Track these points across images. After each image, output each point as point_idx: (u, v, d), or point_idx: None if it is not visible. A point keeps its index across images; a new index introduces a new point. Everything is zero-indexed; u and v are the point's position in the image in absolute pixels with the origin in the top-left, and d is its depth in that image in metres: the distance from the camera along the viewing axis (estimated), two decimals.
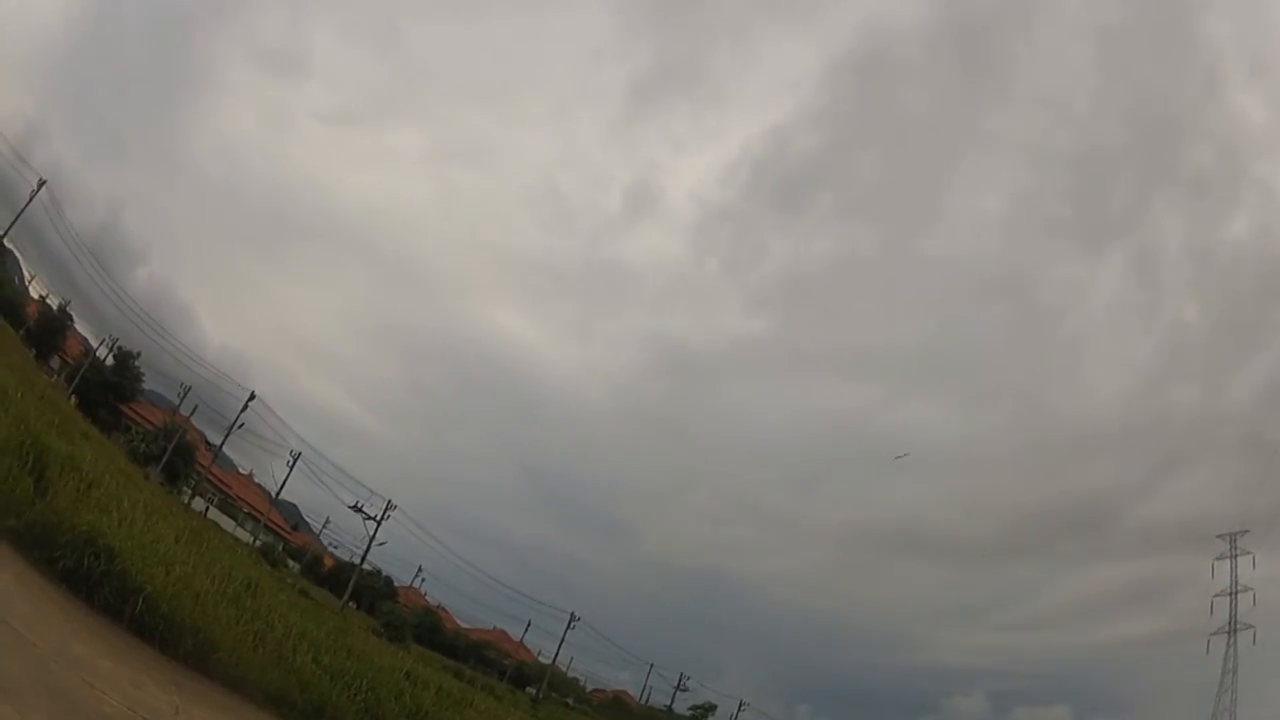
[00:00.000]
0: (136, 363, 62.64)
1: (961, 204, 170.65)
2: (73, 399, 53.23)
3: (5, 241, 63.01)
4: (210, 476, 66.38)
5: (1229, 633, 76.66)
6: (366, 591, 67.56)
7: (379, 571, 72.31)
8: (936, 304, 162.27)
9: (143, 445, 55.42)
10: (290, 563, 67.94)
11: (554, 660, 74.40)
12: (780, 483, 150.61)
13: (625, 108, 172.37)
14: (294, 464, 64.42)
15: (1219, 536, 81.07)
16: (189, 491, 58.70)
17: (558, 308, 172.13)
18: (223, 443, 65.49)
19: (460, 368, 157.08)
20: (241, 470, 79.70)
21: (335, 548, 78.09)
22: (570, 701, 75.77)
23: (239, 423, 62.67)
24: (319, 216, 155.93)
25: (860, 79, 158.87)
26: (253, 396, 62.61)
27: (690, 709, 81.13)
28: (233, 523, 64.01)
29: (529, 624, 75.02)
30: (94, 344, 66.40)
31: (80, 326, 67.60)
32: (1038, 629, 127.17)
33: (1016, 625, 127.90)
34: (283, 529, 78.76)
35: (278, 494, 69.13)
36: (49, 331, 61.55)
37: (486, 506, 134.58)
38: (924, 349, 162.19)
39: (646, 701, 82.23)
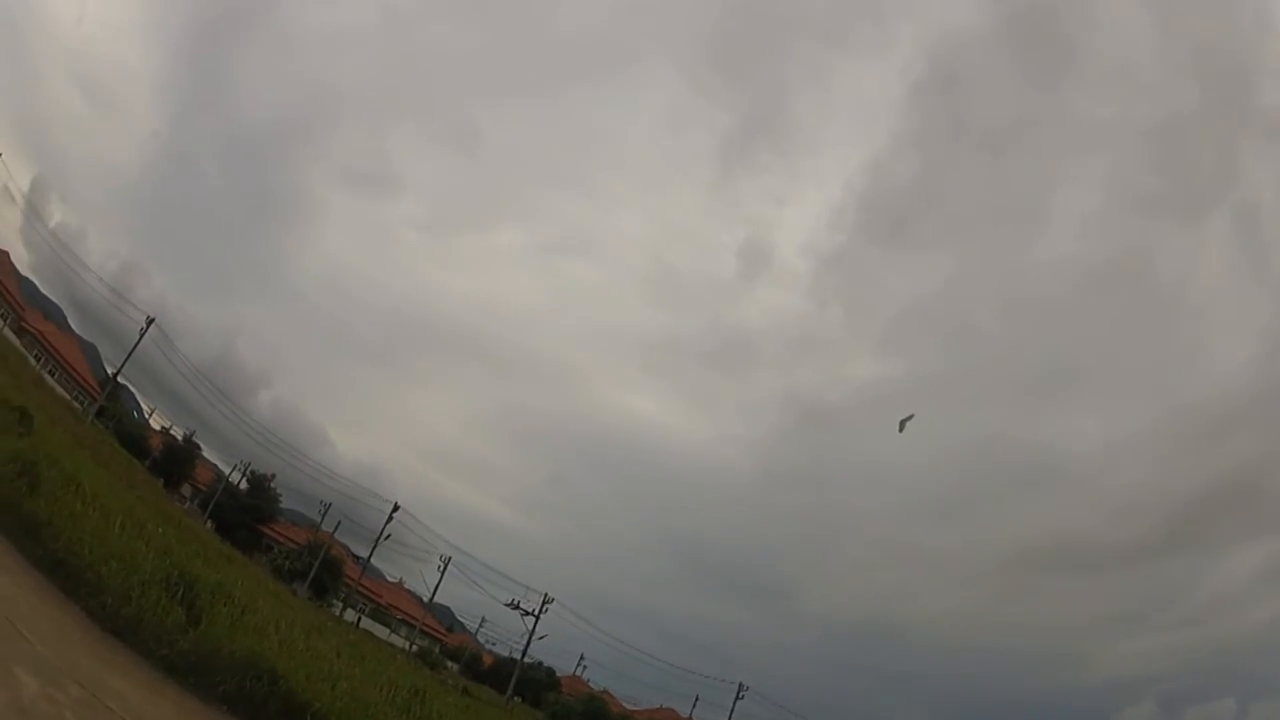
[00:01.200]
0: (272, 484, 63.79)
1: (1061, 198, 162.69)
2: (209, 524, 54.26)
3: (120, 378, 65.48)
4: (361, 588, 66.56)
5: None
6: (530, 684, 66.38)
7: (540, 663, 71.22)
8: (1055, 308, 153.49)
9: (287, 563, 56.01)
10: (449, 664, 67.47)
11: None
12: (928, 519, 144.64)
13: (718, 172, 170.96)
14: (445, 568, 64.51)
15: None
16: (339, 604, 58.75)
17: (686, 382, 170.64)
18: (370, 554, 65.91)
19: (597, 455, 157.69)
20: (390, 578, 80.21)
21: (493, 644, 77.75)
22: None
23: (386, 534, 62.86)
24: (433, 324, 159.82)
25: (941, 94, 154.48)
26: (396, 508, 63.00)
27: None
28: (386, 630, 63.92)
29: (696, 699, 72.24)
30: (224, 469, 68.25)
31: (207, 453, 69.78)
32: (1199, 623, 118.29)
33: (1177, 623, 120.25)
34: (438, 632, 78.73)
35: (431, 598, 68.96)
36: (176, 460, 63.45)
37: (642, 587, 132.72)
38: (1050, 356, 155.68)
39: None
